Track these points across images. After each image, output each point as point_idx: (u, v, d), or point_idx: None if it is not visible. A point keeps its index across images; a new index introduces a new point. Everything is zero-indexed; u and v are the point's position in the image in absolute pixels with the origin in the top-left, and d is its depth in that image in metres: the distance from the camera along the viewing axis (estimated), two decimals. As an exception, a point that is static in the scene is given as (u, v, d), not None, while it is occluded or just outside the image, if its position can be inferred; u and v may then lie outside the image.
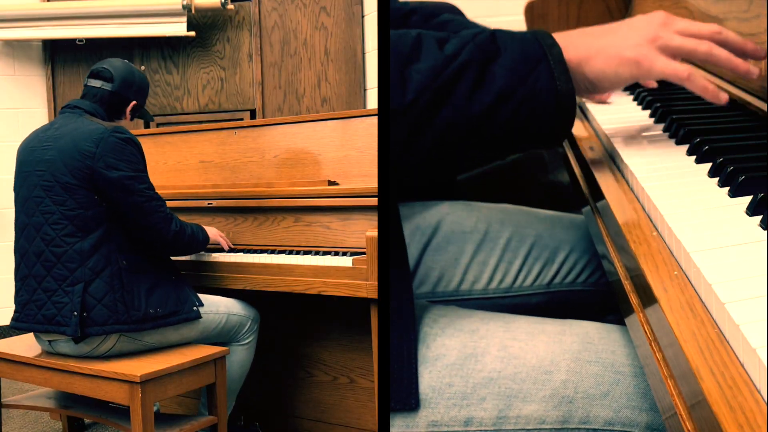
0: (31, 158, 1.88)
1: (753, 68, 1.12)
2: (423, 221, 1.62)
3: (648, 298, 0.87)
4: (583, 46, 1.11)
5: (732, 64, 1.11)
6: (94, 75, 2.00)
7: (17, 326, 1.89)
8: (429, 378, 1.13)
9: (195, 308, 1.92)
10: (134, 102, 2.03)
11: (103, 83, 1.98)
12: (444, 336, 1.17)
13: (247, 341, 2.06)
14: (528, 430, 1.12)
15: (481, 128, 1.04)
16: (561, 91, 1.04)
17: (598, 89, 1.14)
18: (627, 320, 1.03)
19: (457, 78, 1.01)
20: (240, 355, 2.05)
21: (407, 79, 1.00)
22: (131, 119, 2.10)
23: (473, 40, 1.05)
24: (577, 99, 1.14)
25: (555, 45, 1.06)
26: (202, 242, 2.02)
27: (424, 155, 1.05)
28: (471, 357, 1.15)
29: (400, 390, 1.11)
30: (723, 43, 1.13)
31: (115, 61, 2.04)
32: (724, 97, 1.11)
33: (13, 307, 1.91)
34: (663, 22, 1.12)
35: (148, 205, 1.83)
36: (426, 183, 1.68)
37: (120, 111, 2.02)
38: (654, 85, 1.39)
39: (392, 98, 1.00)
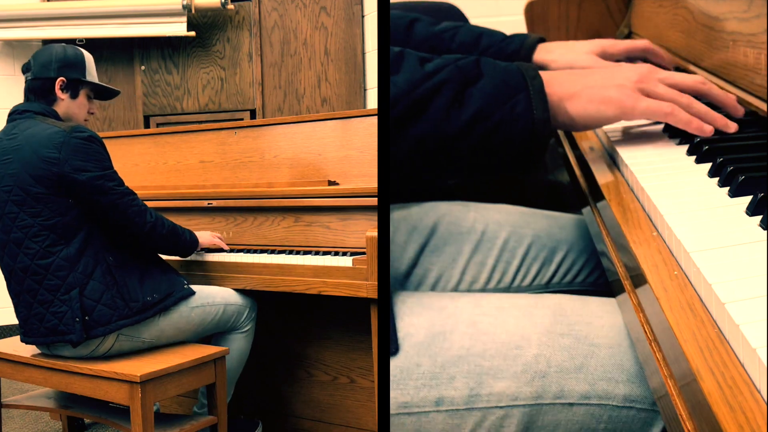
0: None
1: (731, 123, 1.15)
2: (420, 222, 1.62)
3: (648, 298, 0.87)
4: (567, 83, 1.15)
5: (709, 118, 1.15)
6: (23, 72, 1.94)
7: (26, 341, 1.87)
8: (397, 359, 1.11)
9: (186, 285, 1.92)
10: (61, 79, 1.90)
11: (27, 75, 1.92)
12: (412, 315, 1.15)
13: (246, 329, 2.06)
14: (501, 407, 1.10)
15: (455, 146, 1.06)
16: (537, 119, 1.07)
17: (578, 126, 1.17)
18: (627, 320, 1.04)
19: (434, 94, 1.04)
20: (239, 343, 2.05)
21: None
22: (72, 97, 1.93)
23: (456, 63, 1.08)
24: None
25: (537, 77, 1.09)
26: (188, 241, 2.00)
27: (400, 163, 1.07)
28: (439, 335, 1.13)
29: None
30: (705, 94, 1.18)
31: (39, 50, 1.96)
32: (708, 129, 1.13)
33: (12, 307, 1.90)
34: (648, 70, 1.17)
35: (121, 202, 1.80)
36: (413, 186, 1.69)
37: (50, 92, 1.90)
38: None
39: None
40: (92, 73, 1.99)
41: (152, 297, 1.84)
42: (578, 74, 1.17)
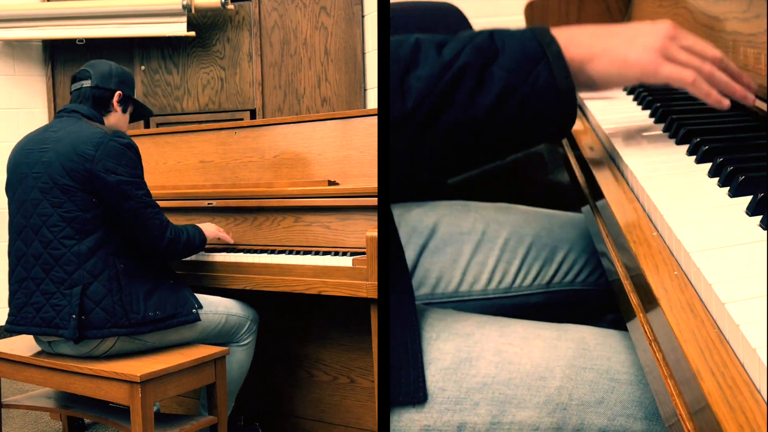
0: (28, 160, 1.87)
1: (750, 94, 1.13)
2: (420, 223, 1.62)
3: (648, 298, 0.87)
4: (587, 45, 1.11)
5: (730, 88, 1.12)
6: (76, 79, 2.01)
7: (13, 329, 1.87)
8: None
9: (194, 311, 1.91)
10: (119, 92, 2.01)
11: (83, 82, 1.99)
12: (439, 340, 1.16)
13: (246, 342, 2.06)
14: None
15: (484, 129, 1.04)
16: (561, 89, 1.04)
17: (599, 88, 1.14)
18: (627, 320, 1.04)
19: (457, 82, 1.02)
20: (239, 356, 2.05)
21: (407, 87, 1.00)
22: (131, 119, 2.09)
23: (471, 42, 1.05)
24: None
25: (554, 42, 1.06)
26: (198, 246, 2.01)
27: (428, 159, 1.05)
28: (465, 361, 1.14)
29: (408, 384, 1.10)
30: (723, 70, 1.15)
31: (95, 62, 2.05)
32: (726, 103, 1.11)
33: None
34: (671, 33, 1.13)
35: (144, 212, 1.83)
36: (429, 185, 1.68)
37: (107, 104, 2.00)
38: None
39: (392, 106, 1.00)
40: (135, 93, 2.11)
41: (155, 314, 1.83)
42: (599, 34, 1.13)
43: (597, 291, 1.63)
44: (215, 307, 1.99)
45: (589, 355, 1.17)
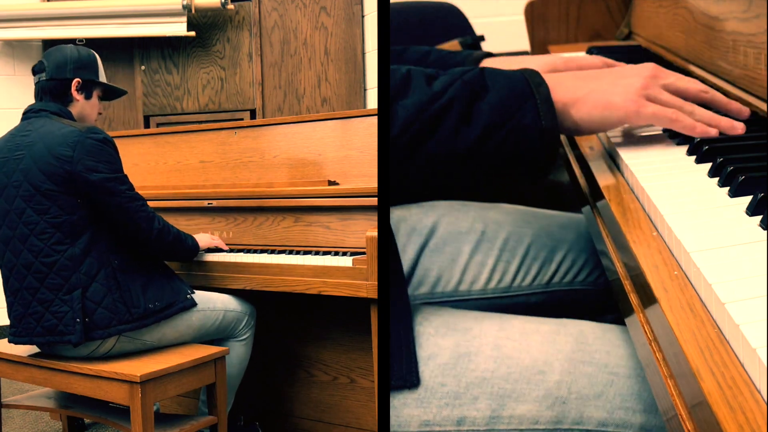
0: (5, 169, 1.82)
1: (737, 124, 1.14)
2: (419, 223, 1.62)
3: (648, 298, 0.87)
4: (572, 88, 1.14)
5: (714, 122, 1.14)
6: (34, 72, 1.94)
7: (16, 341, 1.85)
8: (421, 377, 1.13)
9: (189, 296, 1.92)
10: (77, 80, 1.92)
11: (40, 75, 1.92)
12: (437, 335, 1.17)
13: (244, 337, 2.06)
14: (521, 430, 1.12)
15: (466, 162, 1.07)
16: (545, 129, 1.06)
17: (582, 131, 1.17)
18: (627, 320, 1.04)
19: (443, 114, 1.04)
20: (238, 351, 2.05)
21: (393, 114, 1.03)
22: (86, 97, 1.96)
23: (462, 77, 1.08)
24: None
25: (543, 84, 1.09)
26: (191, 247, 2.00)
27: (412, 182, 1.08)
28: (464, 356, 1.15)
29: (401, 368, 1.11)
30: (709, 102, 1.18)
31: (51, 50, 1.96)
32: (713, 132, 1.13)
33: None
34: (652, 74, 1.16)
35: (131, 206, 1.81)
36: (423, 198, 1.71)
37: (65, 94, 1.92)
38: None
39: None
40: (102, 74, 2.02)
41: (154, 305, 1.83)
42: (582, 78, 1.17)
43: (596, 291, 1.63)
44: (212, 303, 1.99)
45: (588, 348, 1.18)
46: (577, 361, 1.16)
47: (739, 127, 1.14)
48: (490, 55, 1.54)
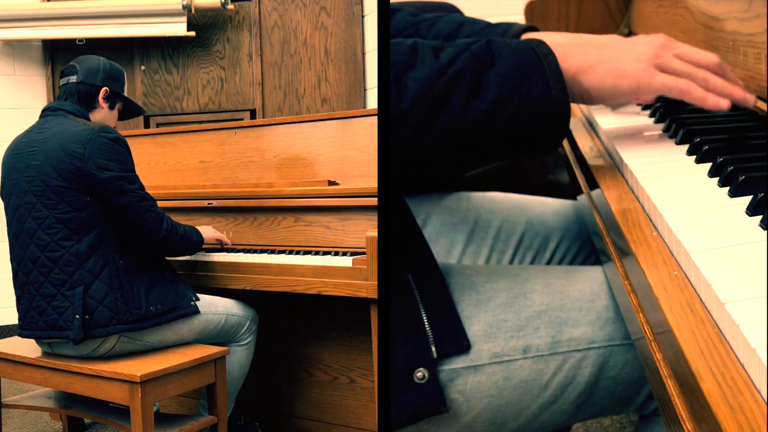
0: (18, 165, 1.86)
1: (749, 96, 1.13)
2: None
3: (648, 297, 0.87)
4: (581, 55, 1.13)
5: (727, 91, 1.13)
6: (63, 75, 1.99)
7: (22, 334, 1.88)
8: (485, 317, 1.22)
9: (192, 303, 1.92)
10: (105, 88, 1.98)
11: (70, 78, 1.97)
12: (491, 281, 1.27)
13: (246, 342, 2.06)
14: (579, 350, 1.22)
15: (478, 135, 1.06)
16: (556, 100, 1.05)
17: (594, 100, 1.16)
18: (627, 320, 1.04)
19: (452, 86, 1.03)
20: (239, 356, 2.05)
21: (403, 88, 1.01)
22: (122, 116, 2.06)
23: (469, 49, 1.06)
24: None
25: (551, 53, 1.08)
26: (196, 243, 2.00)
27: (425, 159, 1.07)
28: (520, 295, 1.25)
29: (451, 334, 1.18)
30: (720, 75, 1.17)
31: (83, 57, 2.02)
32: (724, 104, 1.12)
33: (13, 307, 1.90)
34: (663, 44, 1.15)
35: (140, 206, 1.82)
36: (429, 182, 1.70)
37: (92, 100, 1.97)
38: (651, 100, 1.38)
39: (390, 106, 1.01)
40: (126, 90, 2.08)
41: (156, 308, 1.83)
42: (593, 46, 1.15)
43: None
44: (215, 307, 1.99)
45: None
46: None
47: (750, 100, 1.14)
48: (531, 28, 1.51)
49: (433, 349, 1.15)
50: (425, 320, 1.16)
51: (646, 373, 0.91)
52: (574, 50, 1.13)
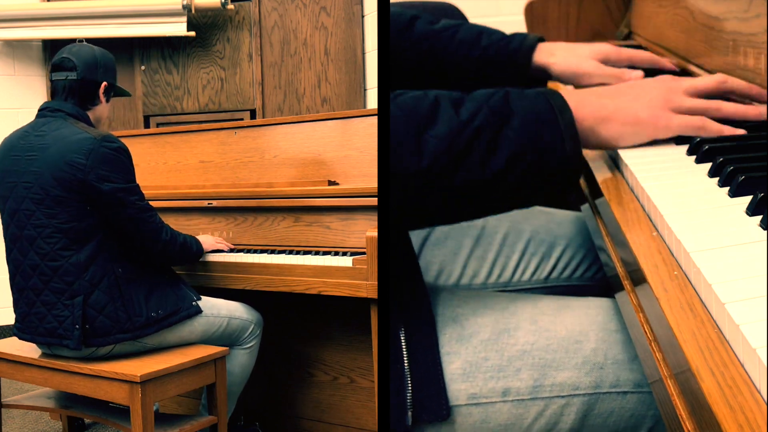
0: (16, 168, 1.81)
1: (763, 108, 1.16)
2: None
3: (648, 297, 0.87)
4: (597, 105, 1.14)
5: (740, 113, 1.16)
6: (57, 68, 1.91)
7: (21, 336, 1.87)
8: (466, 354, 1.18)
9: (194, 303, 1.91)
10: (104, 83, 1.92)
11: (68, 74, 1.88)
12: (476, 315, 1.23)
13: (249, 345, 2.04)
14: (563, 396, 1.17)
15: (492, 189, 1.07)
16: (568, 153, 1.06)
17: (612, 147, 1.18)
18: (627, 320, 1.04)
19: (472, 144, 1.04)
20: (242, 359, 2.04)
21: (423, 145, 1.02)
22: (107, 101, 1.97)
23: (487, 103, 1.07)
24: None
25: (566, 109, 1.08)
26: (195, 253, 1.99)
27: (432, 213, 1.09)
28: (504, 332, 1.20)
29: (431, 400, 1.14)
30: (729, 91, 1.20)
31: (74, 47, 1.94)
32: (740, 131, 1.14)
33: (12, 306, 1.90)
34: (670, 85, 1.17)
35: (140, 217, 1.80)
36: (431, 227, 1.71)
37: (93, 96, 1.91)
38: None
39: (406, 162, 1.01)
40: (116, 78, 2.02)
41: (157, 313, 1.82)
42: (606, 95, 1.17)
43: (594, 286, 1.64)
44: (218, 310, 1.98)
45: (619, 319, 1.23)
46: (611, 330, 1.21)
47: (765, 112, 1.15)
48: (542, 39, 1.53)
49: (410, 414, 1.12)
50: (408, 382, 1.13)
51: (645, 371, 0.91)
52: (588, 99, 1.15)
